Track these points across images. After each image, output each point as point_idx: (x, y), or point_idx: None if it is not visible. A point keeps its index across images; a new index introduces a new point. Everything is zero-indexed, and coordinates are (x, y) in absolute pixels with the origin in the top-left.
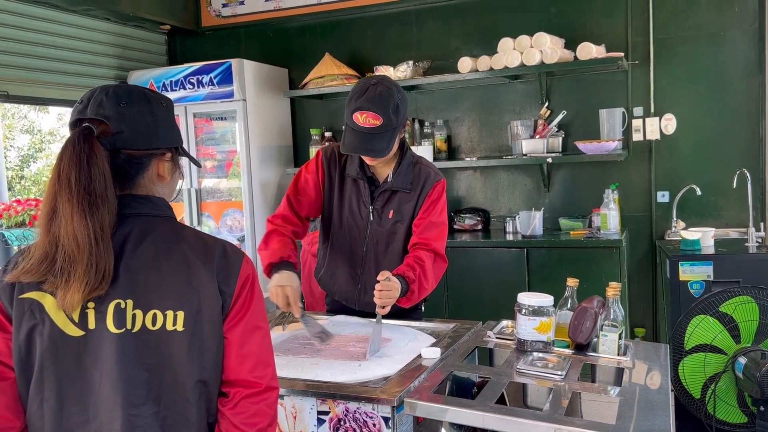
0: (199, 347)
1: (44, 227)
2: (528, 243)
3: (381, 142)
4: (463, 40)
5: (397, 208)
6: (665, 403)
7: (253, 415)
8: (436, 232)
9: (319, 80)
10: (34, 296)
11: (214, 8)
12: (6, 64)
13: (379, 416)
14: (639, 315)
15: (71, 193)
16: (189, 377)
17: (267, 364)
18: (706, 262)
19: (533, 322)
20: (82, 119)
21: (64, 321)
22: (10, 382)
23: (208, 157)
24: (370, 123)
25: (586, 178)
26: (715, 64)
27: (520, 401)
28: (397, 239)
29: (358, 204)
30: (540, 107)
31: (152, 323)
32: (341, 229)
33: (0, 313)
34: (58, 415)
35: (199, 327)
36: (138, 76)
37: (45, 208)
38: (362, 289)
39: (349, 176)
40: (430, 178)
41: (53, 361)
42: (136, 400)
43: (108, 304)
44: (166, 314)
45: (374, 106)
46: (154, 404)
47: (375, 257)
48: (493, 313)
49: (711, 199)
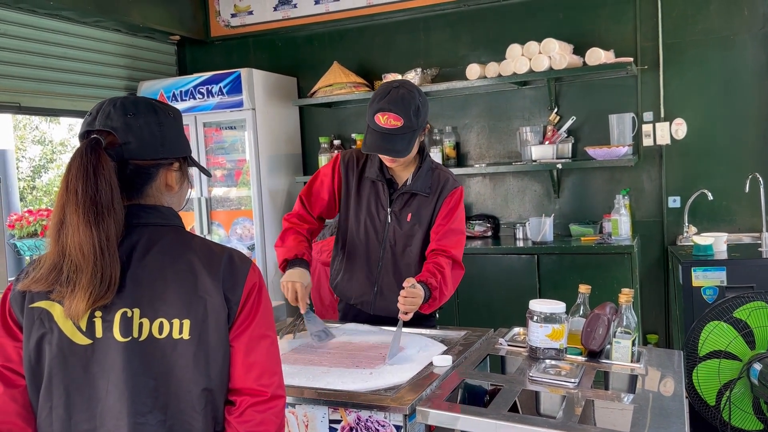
0: (205, 355)
1: (53, 237)
2: (538, 249)
3: (401, 142)
4: (471, 46)
5: (415, 211)
6: (680, 410)
7: (259, 423)
8: (455, 239)
9: (327, 88)
10: (43, 305)
11: (223, 18)
12: (18, 76)
13: (392, 424)
14: (651, 321)
15: (78, 204)
16: (195, 385)
17: (273, 373)
18: (719, 267)
19: (545, 329)
20: (90, 131)
21: (71, 330)
22: (21, 390)
23: (218, 166)
24: (391, 124)
25: (597, 183)
26: (725, 68)
27: (533, 409)
28: (414, 243)
29: (376, 206)
30: (549, 113)
31: (159, 332)
32: (358, 231)
33: (12, 322)
34: (66, 423)
35: (206, 335)
36: (148, 87)
37: (54, 218)
38: (378, 292)
39: (368, 178)
40: (448, 183)
41: (61, 369)
42: (143, 408)
43: (115, 313)
44: (173, 323)
45: (396, 107)
46: (160, 412)
47: (392, 260)
48: (504, 320)
49: (723, 203)
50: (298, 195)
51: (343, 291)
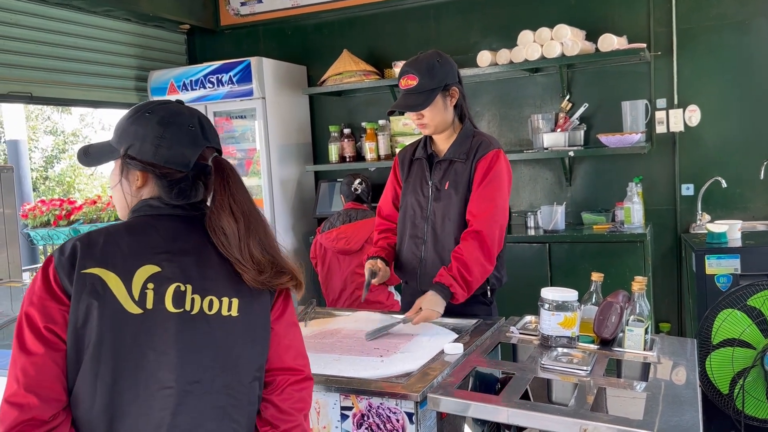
0: (252, 333)
1: None
2: (550, 238)
3: (417, 99)
4: (482, 33)
5: (453, 178)
6: (693, 398)
7: (298, 400)
8: (482, 207)
9: (337, 77)
10: (96, 272)
11: (233, 7)
12: (29, 66)
13: (403, 411)
14: (664, 310)
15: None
16: (244, 361)
17: (305, 356)
18: (733, 255)
19: (557, 317)
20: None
21: (125, 298)
22: (62, 354)
23: (229, 155)
24: (408, 84)
25: (609, 171)
26: (740, 53)
27: (545, 397)
28: (452, 212)
29: (420, 182)
30: (561, 100)
31: (209, 308)
32: (406, 210)
33: (57, 288)
34: (111, 390)
35: (253, 315)
36: (158, 76)
37: None
38: (423, 266)
39: (416, 160)
40: (482, 145)
41: (112, 336)
42: (190, 378)
43: (168, 286)
44: (222, 300)
45: (412, 68)
46: (206, 385)
47: (433, 232)
48: (515, 308)
49: (737, 191)
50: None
51: (398, 270)
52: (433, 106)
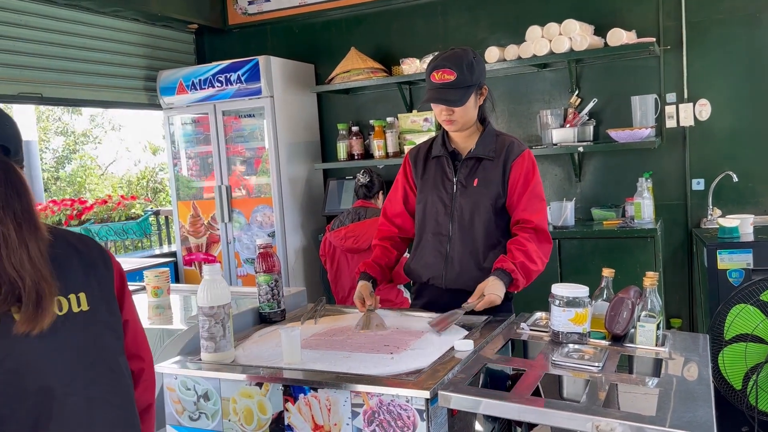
0: (111, 324)
1: None
2: (560, 234)
3: (455, 94)
4: (490, 29)
5: (482, 176)
6: (706, 394)
7: (152, 384)
8: (536, 206)
9: (345, 75)
10: None
11: (241, 6)
12: (39, 67)
13: (414, 408)
14: (675, 305)
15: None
16: (111, 352)
17: (148, 347)
18: (745, 249)
19: (568, 313)
20: None
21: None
22: None
23: (237, 154)
24: (445, 78)
25: (619, 166)
26: (750, 47)
27: (556, 394)
28: (482, 210)
29: (442, 179)
30: (570, 95)
31: (59, 309)
32: (427, 208)
33: None
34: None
35: (102, 305)
36: (167, 76)
37: None
38: (449, 264)
39: (433, 158)
40: (514, 146)
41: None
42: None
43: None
44: (69, 298)
45: (449, 63)
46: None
47: (460, 231)
48: (525, 305)
49: (749, 185)
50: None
51: (415, 271)
52: (467, 102)
